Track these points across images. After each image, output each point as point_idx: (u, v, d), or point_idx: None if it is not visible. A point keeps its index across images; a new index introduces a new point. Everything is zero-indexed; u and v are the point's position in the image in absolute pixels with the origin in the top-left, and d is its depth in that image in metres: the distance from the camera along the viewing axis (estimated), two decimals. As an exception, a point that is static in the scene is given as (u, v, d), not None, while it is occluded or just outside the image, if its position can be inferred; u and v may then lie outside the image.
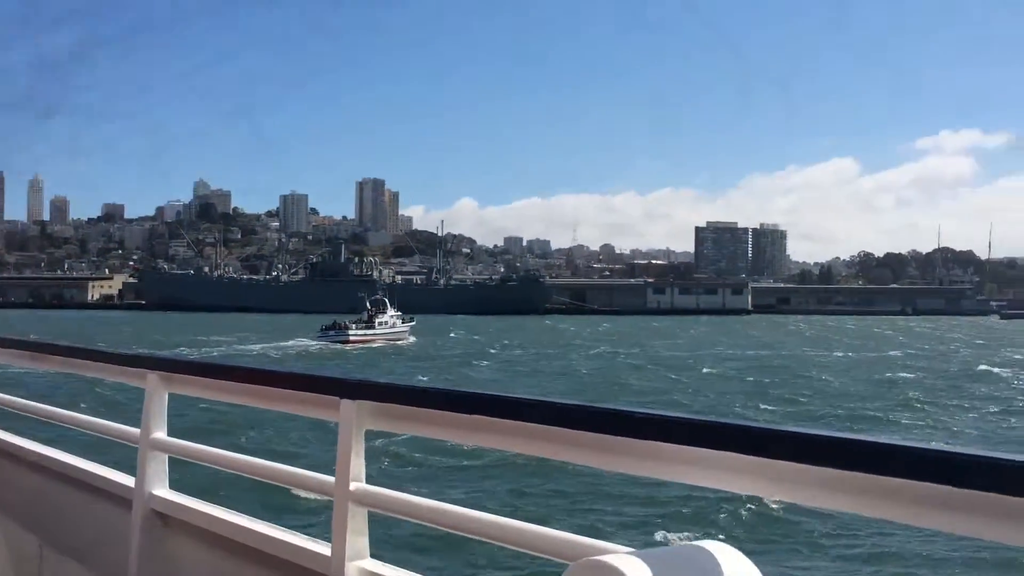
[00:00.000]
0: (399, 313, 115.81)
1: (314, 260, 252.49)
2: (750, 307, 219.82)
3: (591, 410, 2.76)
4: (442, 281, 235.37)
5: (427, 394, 3.37)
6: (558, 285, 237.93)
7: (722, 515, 22.26)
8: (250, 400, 4.41)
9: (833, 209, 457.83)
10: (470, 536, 3.22)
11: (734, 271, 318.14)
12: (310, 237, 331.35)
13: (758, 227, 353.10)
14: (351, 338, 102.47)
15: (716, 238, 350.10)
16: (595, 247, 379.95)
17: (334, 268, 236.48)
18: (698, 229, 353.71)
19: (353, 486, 3.57)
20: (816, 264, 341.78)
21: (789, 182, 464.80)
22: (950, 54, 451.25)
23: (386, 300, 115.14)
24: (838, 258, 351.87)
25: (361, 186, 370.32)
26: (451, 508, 3.33)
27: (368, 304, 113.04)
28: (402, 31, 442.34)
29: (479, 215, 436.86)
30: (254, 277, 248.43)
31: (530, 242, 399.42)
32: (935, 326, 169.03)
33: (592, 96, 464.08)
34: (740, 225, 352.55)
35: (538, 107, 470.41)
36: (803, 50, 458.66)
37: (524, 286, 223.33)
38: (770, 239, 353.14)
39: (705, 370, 66.93)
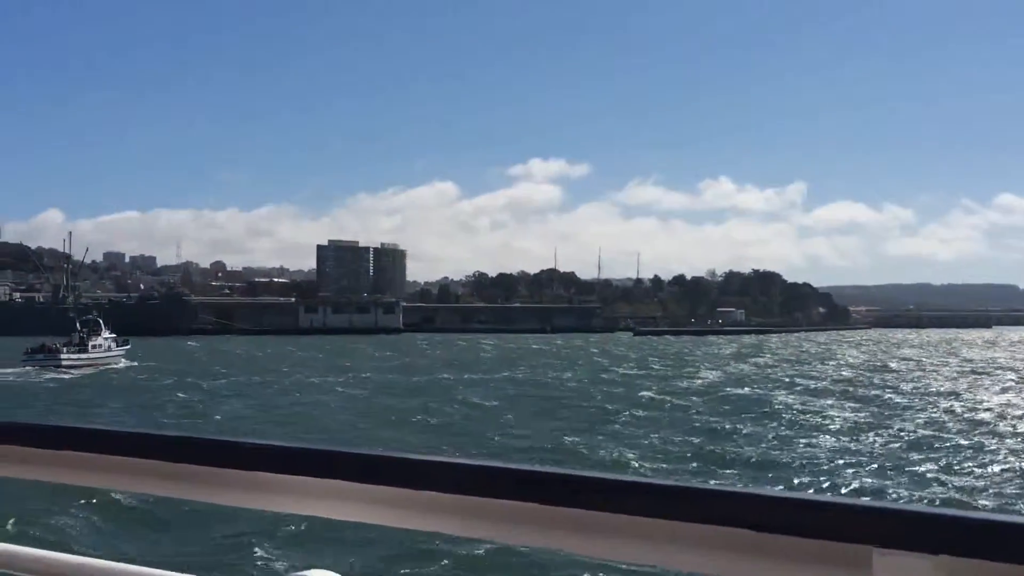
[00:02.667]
0: (113, 335, 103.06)
1: None
2: (402, 326, 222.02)
3: (195, 441, 2.58)
4: (70, 299, 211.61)
5: (6, 428, 2.86)
6: (203, 304, 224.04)
7: (334, 543, 22.45)
8: None
9: (435, 230, 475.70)
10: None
11: (356, 289, 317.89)
12: None
13: (379, 246, 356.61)
14: (63, 362, 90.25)
15: (338, 256, 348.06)
16: (202, 264, 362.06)
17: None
18: (320, 247, 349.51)
19: None
20: (426, 283, 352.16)
21: (392, 203, 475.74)
22: (539, 85, 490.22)
23: (99, 321, 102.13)
24: (447, 277, 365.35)
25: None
26: (40, 553, 2.86)
27: (79, 325, 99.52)
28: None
29: (67, 228, 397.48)
30: None
31: (133, 258, 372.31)
32: (583, 341, 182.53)
33: (187, 105, 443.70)
34: (362, 244, 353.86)
35: (129, 113, 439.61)
36: (400, 75, 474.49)
37: (167, 305, 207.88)
38: (391, 258, 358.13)
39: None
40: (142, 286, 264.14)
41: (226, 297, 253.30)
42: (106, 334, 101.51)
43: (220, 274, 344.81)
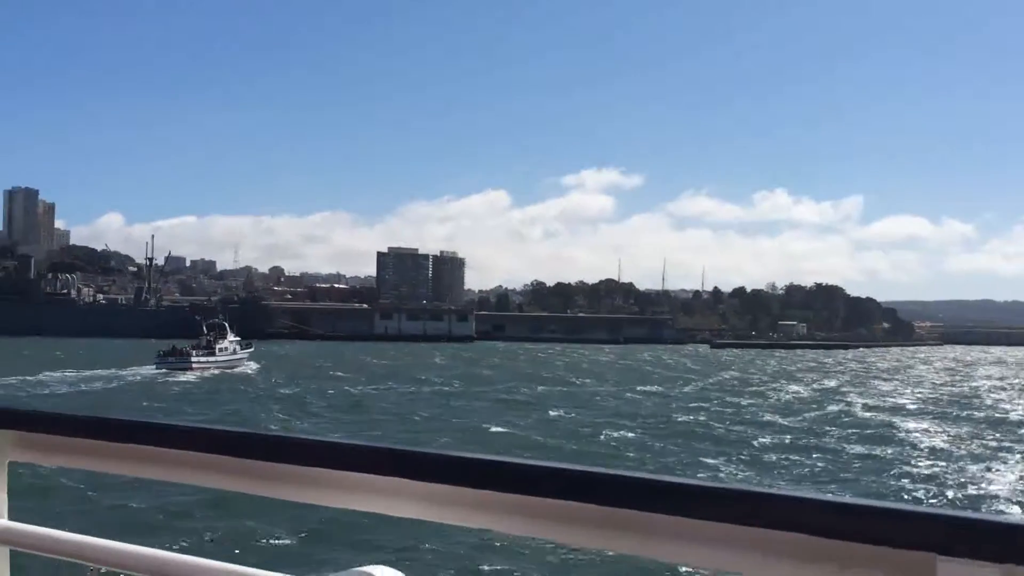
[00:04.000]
0: (238, 338, 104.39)
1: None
2: (474, 334, 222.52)
3: (258, 438, 2.66)
4: (152, 302, 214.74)
5: (81, 422, 3.03)
6: (281, 308, 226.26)
7: (387, 539, 22.69)
8: None
9: (487, 238, 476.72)
10: (130, 574, 2.95)
11: (415, 297, 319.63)
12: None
13: (438, 254, 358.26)
14: (193, 365, 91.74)
15: (397, 263, 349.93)
16: (260, 269, 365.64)
17: (20, 286, 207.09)
18: (379, 254, 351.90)
19: None
20: (481, 291, 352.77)
21: (445, 211, 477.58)
22: (596, 99, 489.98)
23: (225, 324, 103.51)
24: (502, 286, 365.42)
25: (11, 196, 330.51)
26: (110, 544, 3.01)
27: (205, 328, 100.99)
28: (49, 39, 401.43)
29: (127, 232, 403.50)
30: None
31: (194, 262, 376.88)
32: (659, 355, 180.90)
33: (245, 114, 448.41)
34: (421, 251, 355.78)
35: (186, 120, 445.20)
36: (455, 83, 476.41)
37: (247, 309, 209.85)
38: (449, 266, 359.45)
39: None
40: (219, 291, 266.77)
41: (293, 302, 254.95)
42: (232, 337, 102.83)
43: (282, 279, 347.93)
